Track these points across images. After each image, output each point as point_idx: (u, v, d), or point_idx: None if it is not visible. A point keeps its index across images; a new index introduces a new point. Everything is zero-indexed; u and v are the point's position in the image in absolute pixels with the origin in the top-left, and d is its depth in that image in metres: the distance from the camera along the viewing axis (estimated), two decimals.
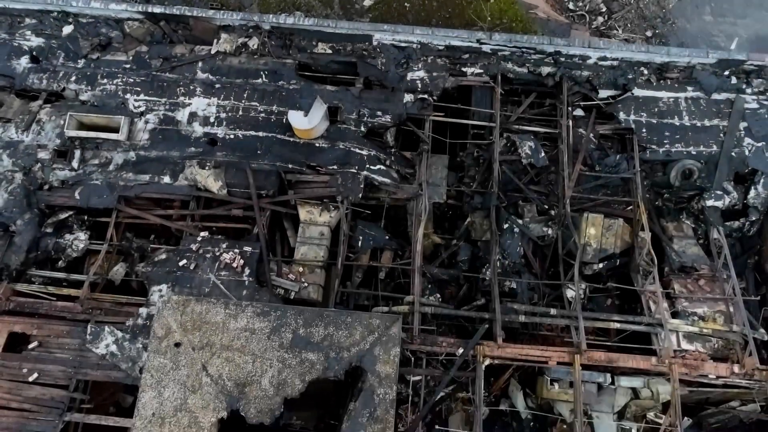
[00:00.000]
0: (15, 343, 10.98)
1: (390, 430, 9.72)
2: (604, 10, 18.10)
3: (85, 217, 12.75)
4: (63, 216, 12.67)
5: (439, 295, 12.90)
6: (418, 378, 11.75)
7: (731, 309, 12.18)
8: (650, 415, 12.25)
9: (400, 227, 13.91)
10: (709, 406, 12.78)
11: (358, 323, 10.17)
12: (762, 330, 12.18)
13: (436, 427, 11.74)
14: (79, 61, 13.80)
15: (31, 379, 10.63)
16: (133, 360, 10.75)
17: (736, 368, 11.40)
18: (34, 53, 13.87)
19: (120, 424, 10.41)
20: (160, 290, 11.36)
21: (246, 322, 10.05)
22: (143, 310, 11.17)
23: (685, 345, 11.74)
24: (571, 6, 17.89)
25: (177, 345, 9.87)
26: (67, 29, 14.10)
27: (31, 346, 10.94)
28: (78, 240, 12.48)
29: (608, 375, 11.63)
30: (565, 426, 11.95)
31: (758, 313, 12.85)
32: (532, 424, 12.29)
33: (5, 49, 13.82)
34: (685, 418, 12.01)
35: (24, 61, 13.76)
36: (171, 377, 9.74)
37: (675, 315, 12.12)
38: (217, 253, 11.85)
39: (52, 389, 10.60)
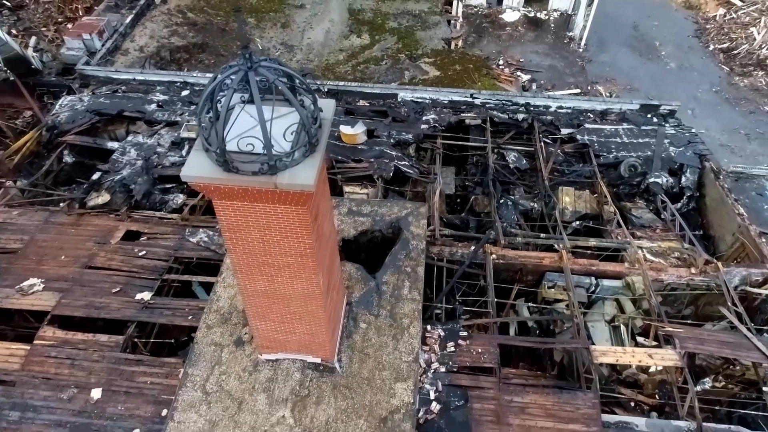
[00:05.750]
0: (130, 238, 14.26)
1: (421, 267, 12.56)
2: None
3: (184, 186, 16.94)
4: (168, 186, 16.92)
5: None
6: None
7: (684, 246, 15.53)
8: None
9: None
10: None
11: (395, 204, 13.79)
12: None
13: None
14: (191, 106, 19.62)
15: (140, 254, 13.68)
16: (220, 246, 13.92)
17: (693, 270, 14.38)
18: (160, 103, 19.78)
19: (206, 279, 13.12)
20: None
21: None
22: None
23: (650, 257, 14.84)
24: None
25: None
26: (185, 92, 20.30)
27: (142, 238, 14.21)
28: (177, 197, 16.52)
29: (593, 278, 14.48)
30: (565, 326, 14.23)
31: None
32: (537, 332, 14.49)
33: (141, 100, 19.74)
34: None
35: (153, 106, 19.57)
36: None
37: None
38: None
39: (155, 261, 13.57)
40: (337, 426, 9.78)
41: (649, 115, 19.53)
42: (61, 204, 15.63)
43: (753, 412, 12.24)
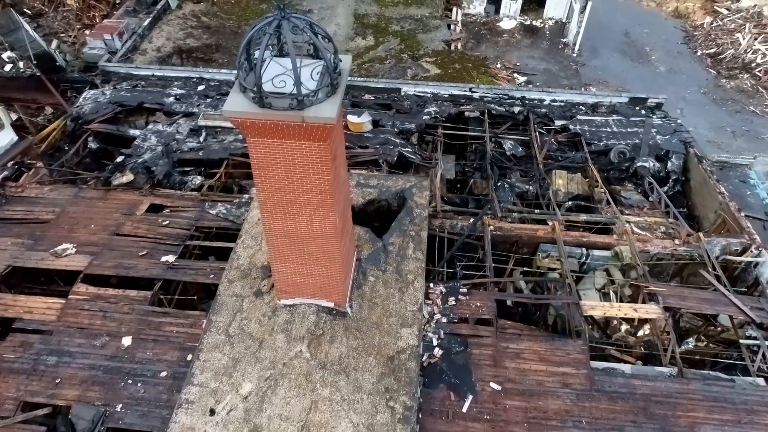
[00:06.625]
0: (154, 210, 15.37)
1: (424, 231, 13.65)
2: None
3: (202, 169, 18.11)
4: (187, 169, 18.08)
5: None
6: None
7: (669, 221, 16.63)
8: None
9: None
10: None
11: (400, 178, 14.93)
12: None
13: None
14: (207, 99, 20.90)
15: (164, 224, 14.78)
16: (237, 216, 15.03)
17: (676, 241, 15.47)
18: (177, 96, 21.05)
19: (226, 245, 14.19)
20: None
21: None
22: (245, 196, 15.83)
23: (637, 231, 15.92)
24: None
25: None
26: (201, 87, 21.58)
27: (165, 210, 15.32)
28: (195, 179, 17.67)
29: (584, 249, 15.54)
30: (558, 291, 15.25)
31: None
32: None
33: (160, 94, 21.04)
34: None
35: (171, 99, 20.83)
36: None
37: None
38: None
39: (178, 230, 14.66)
40: (349, 361, 10.77)
41: (637, 108, 20.78)
42: (88, 183, 16.77)
43: (733, 362, 13.21)
